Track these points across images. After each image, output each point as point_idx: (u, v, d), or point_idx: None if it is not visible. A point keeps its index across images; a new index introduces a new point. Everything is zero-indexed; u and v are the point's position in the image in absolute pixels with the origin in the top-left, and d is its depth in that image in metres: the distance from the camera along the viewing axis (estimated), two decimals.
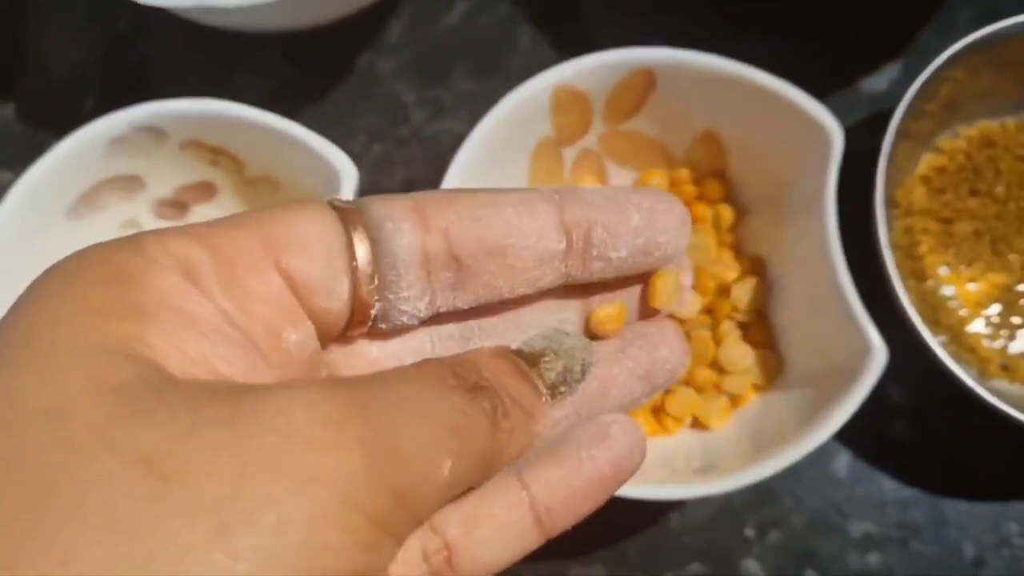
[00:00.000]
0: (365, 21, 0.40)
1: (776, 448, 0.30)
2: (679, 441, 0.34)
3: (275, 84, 0.40)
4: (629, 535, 0.35)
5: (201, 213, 0.36)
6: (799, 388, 0.33)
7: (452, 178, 0.31)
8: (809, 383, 0.32)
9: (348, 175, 0.32)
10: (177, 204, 0.36)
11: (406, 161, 0.39)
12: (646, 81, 0.33)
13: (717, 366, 0.34)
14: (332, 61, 0.40)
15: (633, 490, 0.30)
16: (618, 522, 0.35)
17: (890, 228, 0.37)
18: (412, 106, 0.40)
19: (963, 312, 0.37)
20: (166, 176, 0.35)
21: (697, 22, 0.40)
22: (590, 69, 0.32)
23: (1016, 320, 0.37)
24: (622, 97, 0.33)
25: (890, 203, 0.37)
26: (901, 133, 0.34)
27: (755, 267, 0.34)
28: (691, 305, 0.32)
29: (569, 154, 0.35)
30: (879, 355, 0.29)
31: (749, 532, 0.35)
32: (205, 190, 0.35)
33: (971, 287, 0.37)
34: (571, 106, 0.33)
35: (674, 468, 0.33)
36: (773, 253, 0.34)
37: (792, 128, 0.32)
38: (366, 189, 0.39)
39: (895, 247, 0.37)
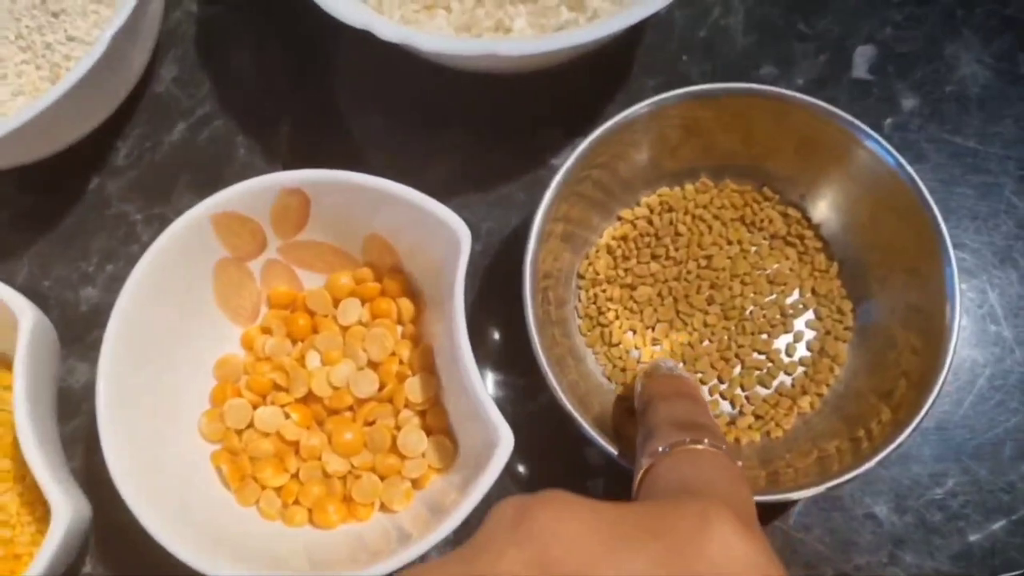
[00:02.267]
0: (94, 145, 0.43)
1: (444, 519, 0.32)
2: (374, 524, 0.36)
3: (13, 213, 0.43)
4: None
5: None
6: (468, 468, 0.35)
7: (121, 305, 0.34)
8: (474, 462, 0.35)
9: (25, 317, 0.34)
10: None
11: None
12: (300, 198, 0.35)
13: (398, 452, 0.36)
14: (65, 186, 0.43)
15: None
16: None
17: (578, 299, 0.40)
18: (140, 224, 0.42)
19: None
20: None
21: (383, 131, 0.43)
22: (239, 196, 0.35)
23: (699, 375, 0.39)
24: (284, 214, 0.36)
25: (575, 275, 0.40)
26: (567, 198, 0.36)
27: (428, 357, 0.37)
28: (367, 387, 0.35)
29: (255, 266, 0.38)
30: (506, 441, 0.32)
31: None
32: None
33: (656, 349, 0.39)
34: (239, 228, 0.36)
35: (374, 550, 0.35)
36: (442, 343, 0.37)
37: (432, 229, 0.34)
38: (98, 305, 0.42)
39: (584, 316, 0.40)
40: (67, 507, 0.33)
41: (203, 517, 0.35)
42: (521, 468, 0.39)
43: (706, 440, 0.26)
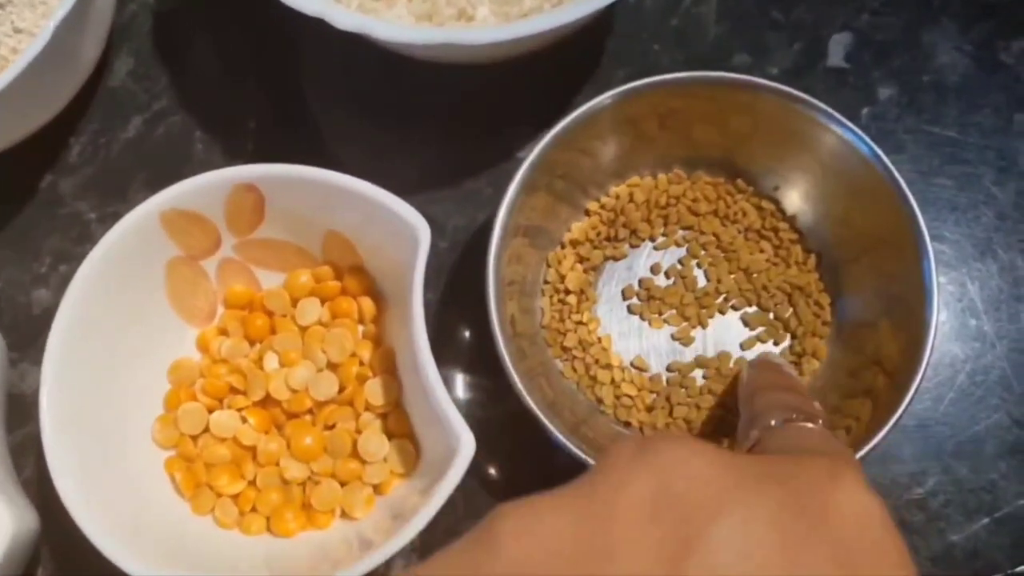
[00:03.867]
0: (45, 141, 0.41)
1: (405, 526, 0.31)
2: (335, 532, 0.35)
3: None
4: None
5: None
6: (431, 473, 0.34)
7: (66, 309, 0.33)
8: (438, 467, 0.33)
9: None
10: None
11: None
12: (253, 194, 0.34)
13: (359, 457, 0.35)
14: (15, 184, 0.41)
15: None
16: None
17: (545, 304, 0.38)
18: (94, 223, 0.41)
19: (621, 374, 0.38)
20: None
21: (350, 127, 0.41)
22: (189, 192, 0.33)
23: (674, 374, 0.38)
24: (237, 210, 0.35)
25: (542, 280, 0.39)
26: (533, 192, 0.35)
27: (390, 359, 0.35)
28: (327, 390, 0.34)
29: (210, 265, 0.36)
30: (467, 447, 0.30)
31: None
32: None
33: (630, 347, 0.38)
34: (189, 226, 0.34)
35: (335, 559, 0.34)
36: (403, 344, 0.35)
37: (391, 225, 0.33)
38: (50, 307, 0.40)
39: (551, 319, 0.38)
40: (8, 520, 0.31)
41: (157, 528, 0.33)
42: (492, 471, 0.38)
43: (820, 422, 0.26)
